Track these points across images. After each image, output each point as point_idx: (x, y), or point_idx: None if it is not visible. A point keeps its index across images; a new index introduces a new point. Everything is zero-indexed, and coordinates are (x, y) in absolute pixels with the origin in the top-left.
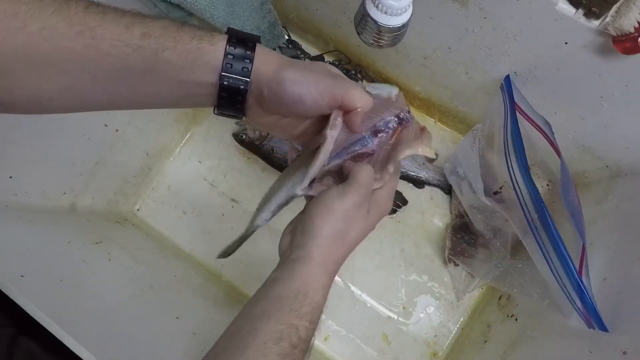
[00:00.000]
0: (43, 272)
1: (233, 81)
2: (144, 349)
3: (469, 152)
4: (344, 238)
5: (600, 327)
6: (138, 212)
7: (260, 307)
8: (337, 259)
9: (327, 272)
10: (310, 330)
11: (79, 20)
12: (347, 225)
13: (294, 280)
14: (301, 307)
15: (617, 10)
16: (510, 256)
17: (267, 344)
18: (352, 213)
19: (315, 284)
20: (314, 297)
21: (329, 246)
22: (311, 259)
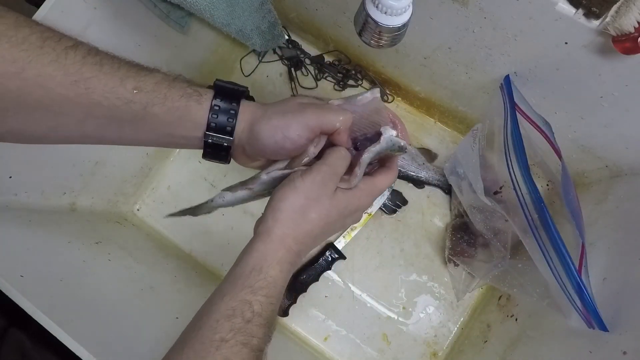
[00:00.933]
0: (43, 272)
1: (217, 139)
2: (144, 349)
3: (469, 152)
4: (304, 214)
5: (600, 327)
6: (138, 212)
7: (219, 288)
8: (297, 235)
9: (286, 248)
10: (267, 305)
11: (76, 70)
12: (307, 202)
13: (249, 256)
14: (255, 282)
15: (617, 10)
16: (510, 256)
17: (220, 321)
18: (313, 189)
19: (270, 259)
20: (269, 271)
21: (287, 220)
22: (269, 233)
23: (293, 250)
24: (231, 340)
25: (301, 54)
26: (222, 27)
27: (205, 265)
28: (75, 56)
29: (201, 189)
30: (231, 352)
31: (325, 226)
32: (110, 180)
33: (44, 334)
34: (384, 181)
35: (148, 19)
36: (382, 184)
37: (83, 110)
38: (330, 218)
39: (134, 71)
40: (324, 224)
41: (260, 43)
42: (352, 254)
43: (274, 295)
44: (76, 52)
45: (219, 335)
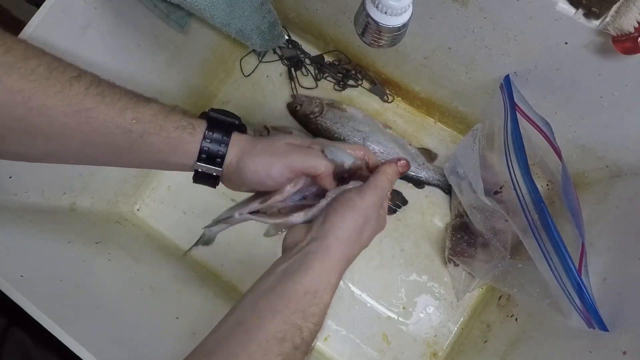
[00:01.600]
0: (43, 272)
1: (206, 169)
2: (144, 348)
3: (469, 152)
4: (361, 233)
5: (600, 327)
6: (138, 212)
7: (268, 301)
8: (352, 255)
9: (340, 271)
10: (314, 332)
11: (79, 101)
12: (365, 222)
13: (305, 276)
14: (309, 307)
15: (617, 10)
16: (510, 256)
17: (270, 342)
18: (370, 209)
19: (326, 283)
20: (323, 297)
21: (347, 240)
22: (328, 252)
23: (342, 272)
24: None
25: (301, 54)
26: (222, 27)
27: (206, 265)
28: (79, 87)
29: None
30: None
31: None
32: (110, 180)
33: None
34: None
35: (148, 19)
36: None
37: (83, 137)
38: (375, 233)
39: (133, 102)
40: (370, 239)
41: (260, 43)
42: None
43: (321, 323)
44: (80, 83)
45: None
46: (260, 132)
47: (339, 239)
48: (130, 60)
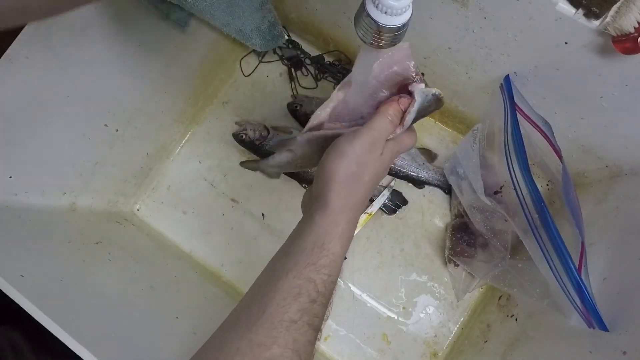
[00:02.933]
0: (43, 272)
1: None
2: (144, 348)
3: (469, 152)
4: (358, 180)
5: (600, 327)
6: (138, 212)
7: (281, 263)
8: (354, 203)
9: (346, 219)
10: (329, 283)
11: None
12: (359, 168)
13: (310, 232)
14: (319, 259)
15: (617, 10)
16: (510, 256)
17: (287, 300)
18: (363, 155)
19: (332, 234)
20: (331, 248)
21: (343, 189)
22: (327, 205)
23: (351, 221)
24: (299, 321)
25: (301, 54)
26: (222, 27)
27: (205, 265)
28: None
29: (201, 189)
30: (299, 334)
31: (375, 184)
32: (110, 180)
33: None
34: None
35: (148, 19)
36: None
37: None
38: (378, 176)
39: None
40: (374, 183)
41: (260, 43)
42: (352, 254)
43: (334, 274)
44: None
45: (288, 316)
46: (260, 132)
47: (334, 191)
48: (130, 61)
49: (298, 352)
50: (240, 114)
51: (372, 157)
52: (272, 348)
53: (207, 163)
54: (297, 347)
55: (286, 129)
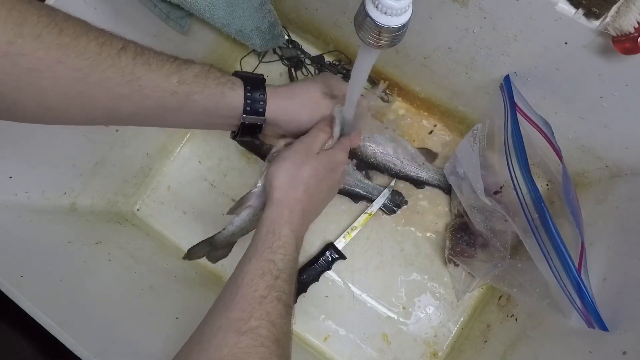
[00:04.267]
0: (43, 272)
1: (253, 120)
2: (143, 349)
3: (469, 152)
4: (296, 175)
5: (600, 327)
6: (138, 212)
7: (246, 255)
8: (296, 194)
9: (289, 208)
10: (286, 261)
11: (129, 71)
12: (297, 166)
13: (262, 224)
14: (272, 242)
15: (617, 10)
16: (510, 256)
17: (254, 280)
18: (298, 155)
19: (279, 221)
20: (281, 231)
21: (283, 184)
22: (271, 200)
23: (296, 210)
24: (268, 296)
25: (301, 54)
26: (222, 27)
27: (206, 265)
28: (127, 58)
29: (201, 189)
30: (271, 307)
31: (318, 182)
32: (110, 180)
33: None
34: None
35: (148, 19)
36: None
37: (136, 103)
38: (319, 173)
39: (176, 65)
40: (316, 180)
41: (260, 43)
42: (352, 254)
43: (290, 253)
44: (127, 54)
45: (258, 293)
46: None
47: (278, 188)
48: None
49: (273, 323)
50: None
51: (308, 156)
52: (249, 321)
53: (207, 163)
54: (271, 318)
55: None
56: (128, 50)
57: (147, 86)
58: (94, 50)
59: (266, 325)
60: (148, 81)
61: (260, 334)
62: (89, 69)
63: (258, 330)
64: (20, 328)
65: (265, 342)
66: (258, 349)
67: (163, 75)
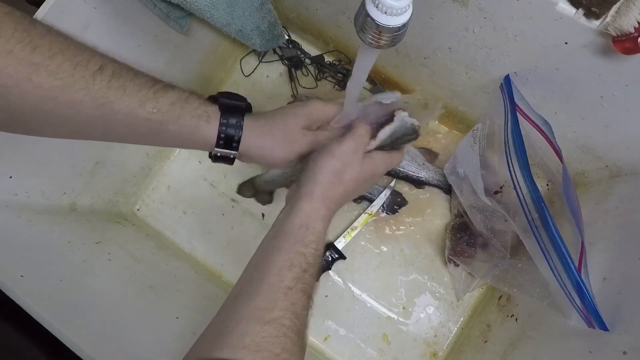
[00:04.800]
0: (43, 272)
1: (225, 153)
2: (144, 349)
3: (469, 152)
4: (341, 177)
5: (601, 327)
6: (138, 212)
7: (272, 243)
8: (335, 196)
9: (326, 206)
10: (317, 257)
11: (102, 95)
12: (343, 166)
13: (297, 215)
14: (305, 237)
15: (617, 10)
16: (510, 256)
17: (282, 271)
18: (348, 156)
19: (315, 216)
20: (316, 227)
21: (327, 182)
22: (312, 194)
23: (331, 209)
24: (294, 287)
25: (301, 54)
26: (222, 27)
27: (206, 265)
28: (102, 81)
29: (201, 189)
30: (296, 298)
31: (354, 187)
32: (110, 180)
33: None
34: (396, 157)
35: (148, 19)
36: (395, 159)
37: (107, 126)
38: (358, 180)
39: (153, 92)
40: (354, 185)
41: (260, 43)
42: (352, 254)
43: (320, 249)
44: (102, 76)
45: (285, 284)
46: None
47: (318, 183)
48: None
49: (296, 314)
50: None
51: (354, 159)
52: (273, 311)
53: (207, 163)
54: (295, 309)
55: None
56: (104, 72)
57: (120, 111)
58: (67, 71)
59: (289, 316)
60: (121, 106)
61: (283, 324)
62: (59, 89)
63: (281, 321)
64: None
65: (287, 333)
66: (280, 339)
67: (138, 101)
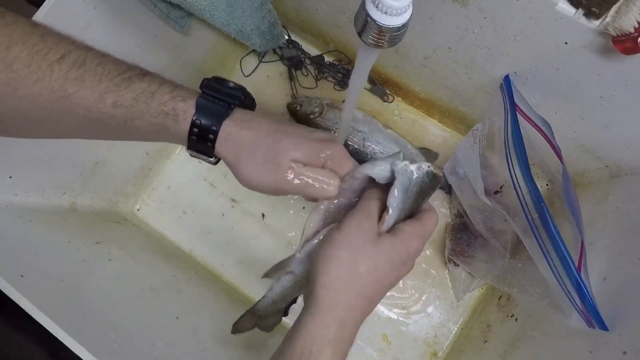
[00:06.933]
0: (43, 272)
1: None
2: (144, 349)
3: (469, 152)
4: (352, 270)
5: (601, 326)
6: (138, 212)
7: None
8: (348, 300)
9: (337, 321)
10: None
11: (59, 86)
12: (352, 254)
13: (298, 337)
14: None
15: (617, 10)
16: (510, 256)
17: None
18: (353, 237)
19: (320, 340)
20: (318, 357)
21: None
22: (317, 303)
23: (347, 322)
24: None
25: (301, 54)
26: (222, 27)
27: (205, 265)
28: (60, 71)
29: (201, 189)
30: None
31: (377, 281)
32: (110, 180)
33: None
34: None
35: (148, 19)
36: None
37: (72, 120)
38: (381, 270)
39: (114, 84)
40: (375, 278)
41: (260, 43)
42: None
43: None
44: (61, 66)
45: None
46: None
47: (325, 286)
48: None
49: None
50: None
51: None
52: None
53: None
54: None
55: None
56: (64, 62)
57: (79, 105)
58: (23, 62)
59: None
60: (79, 99)
61: None
62: (15, 82)
63: None
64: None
65: None
66: None
67: (97, 94)
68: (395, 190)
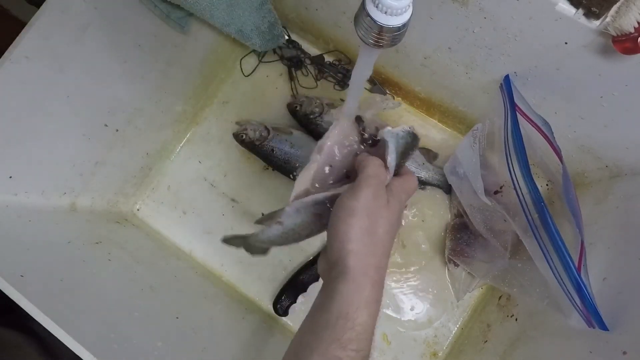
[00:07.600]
0: (43, 272)
1: None
2: (144, 348)
3: (469, 152)
4: (374, 234)
5: (601, 326)
6: (138, 212)
7: (305, 340)
8: (376, 261)
9: (370, 282)
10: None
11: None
12: (371, 220)
13: (333, 301)
14: (343, 334)
15: (617, 10)
16: (510, 256)
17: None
18: (371, 206)
19: (356, 302)
20: (357, 318)
21: (361, 248)
22: (348, 269)
23: (378, 282)
24: None
25: (301, 54)
26: (222, 27)
27: (205, 265)
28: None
29: (201, 189)
30: None
31: (392, 238)
32: (110, 180)
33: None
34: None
35: (148, 19)
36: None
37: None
38: (393, 227)
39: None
40: (391, 236)
41: (260, 43)
42: None
43: (364, 348)
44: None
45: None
46: (260, 132)
47: (352, 252)
48: (130, 60)
49: None
50: (241, 114)
51: (380, 206)
52: None
53: (207, 163)
54: None
55: (286, 130)
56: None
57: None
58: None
59: None
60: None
61: None
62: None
63: None
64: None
65: None
66: None
67: None
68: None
